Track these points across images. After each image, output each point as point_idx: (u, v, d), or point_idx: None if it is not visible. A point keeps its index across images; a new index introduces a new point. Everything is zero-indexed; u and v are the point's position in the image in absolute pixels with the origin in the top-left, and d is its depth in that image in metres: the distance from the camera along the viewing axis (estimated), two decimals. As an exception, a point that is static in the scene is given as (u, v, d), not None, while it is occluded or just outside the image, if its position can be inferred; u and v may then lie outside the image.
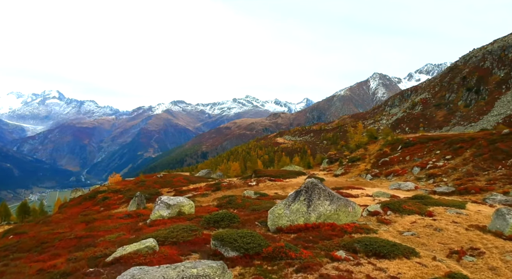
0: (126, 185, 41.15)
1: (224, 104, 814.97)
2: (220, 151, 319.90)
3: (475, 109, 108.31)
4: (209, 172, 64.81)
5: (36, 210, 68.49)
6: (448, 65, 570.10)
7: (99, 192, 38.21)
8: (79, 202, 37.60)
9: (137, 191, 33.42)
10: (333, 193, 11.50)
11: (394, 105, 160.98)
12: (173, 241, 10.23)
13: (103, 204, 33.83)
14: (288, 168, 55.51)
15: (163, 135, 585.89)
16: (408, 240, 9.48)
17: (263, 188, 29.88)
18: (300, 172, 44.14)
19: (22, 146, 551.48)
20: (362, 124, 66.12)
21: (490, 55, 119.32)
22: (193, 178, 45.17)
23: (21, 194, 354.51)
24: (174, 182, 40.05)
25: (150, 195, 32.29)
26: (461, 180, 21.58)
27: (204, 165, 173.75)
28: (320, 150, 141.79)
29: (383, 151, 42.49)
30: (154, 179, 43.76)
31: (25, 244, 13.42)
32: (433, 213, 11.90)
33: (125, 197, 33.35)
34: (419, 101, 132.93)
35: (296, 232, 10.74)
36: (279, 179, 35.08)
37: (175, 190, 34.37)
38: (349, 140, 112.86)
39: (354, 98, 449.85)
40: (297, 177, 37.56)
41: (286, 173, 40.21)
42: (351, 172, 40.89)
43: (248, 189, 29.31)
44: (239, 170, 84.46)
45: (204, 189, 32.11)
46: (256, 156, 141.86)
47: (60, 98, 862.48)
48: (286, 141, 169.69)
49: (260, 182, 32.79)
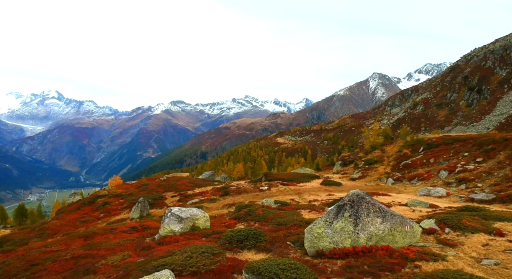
0: (128, 189, 38.88)
1: (224, 104, 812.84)
2: (220, 151, 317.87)
3: (477, 109, 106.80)
4: (213, 174, 61.74)
5: (33, 213, 66.54)
6: (447, 65, 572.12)
7: (99, 196, 36.17)
8: (77, 207, 35.30)
9: (140, 195, 31.33)
10: (384, 208, 9.42)
11: (395, 105, 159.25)
12: (192, 271, 8.18)
13: (103, 210, 31.85)
14: (299, 170, 51.84)
15: (162, 135, 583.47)
16: (495, 273, 7.40)
17: (276, 193, 27.69)
18: (313, 175, 41.26)
19: (21, 146, 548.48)
20: (378, 124, 62.56)
21: (492, 54, 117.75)
22: (198, 181, 42.61)
23: (20, 195, 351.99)
24: (178, 186, 37.87)
25: (154, 200, 30.43)
26: (500, 185, 19.48)
27: (204, 165, 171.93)
28: (321, 150, 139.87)
29: (403, 153, 39.79)
30: (157, 182, 41.42)
31: (12, 267, 11.29)
32: (503, 231, 9.86)
33: (127, 202, 31.49)
34: (421, 101, 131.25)
35: (343, 258, 8.68)
36: (292, 183, 32.82)
37: (180, 194, 32.30)
38: (363, 141, 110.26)
39: (354, 98, 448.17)
40: (311, 180, 35.05)
41: (299, 176, 37.57)
42: (369, 176, 38.22)
43: (260, 194, 27.34)
44: (243, 171, 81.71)
45: (211, 193, 30.14)
46: (256, 156, 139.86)
47: (59, 98, 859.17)
48: (286, 141, 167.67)
49: (272, 187, 30.60)
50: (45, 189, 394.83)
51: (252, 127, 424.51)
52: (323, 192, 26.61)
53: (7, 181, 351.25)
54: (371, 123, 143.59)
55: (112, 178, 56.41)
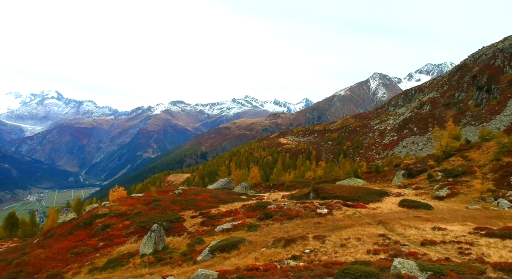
0: (134, 205, 31.33)
1: (223, 105, 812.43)
2: (220, 152, 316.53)
3: (487, 108, 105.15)
4: (230, 181, 52.34)
5: (25, 222, 61.99)
6: (448, 65, 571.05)
7: (97, 215, 28.68)
8: (70, 230, 27.88)
9: (150, 215, 25.38)
10: None
11: (398, 105, 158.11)
12: None
13: (103, 236, 25.03)
14: (348, 181, 42.79)
15: (162, 135, 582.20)
16: None
17: (346, 221, 20.38)
18: (379, 191, 31.68)
19: (20, 146, 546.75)
20: (453, 125, 49.31)
21: (501, 53, 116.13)
22: (221, 195, 34.01)
23: (19, 195, 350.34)
24: (198, 201, 30.50)
25: (169, 223, 24.25)
26: None
27: (205, 166, 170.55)
28: (325, 150, 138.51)
29: (504, 162, 30.51)
30: (171, 197, 32.96)
31: None
32: None
33: (134, 225, 24.85)
34: (427, 100, 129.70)
35: None
36: (358, 203, 25.07)
37: (202, 213, 25.84)
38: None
39: (355, 98, 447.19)
40: (381, 199, 26.99)
41: (363, 193, 28.56)
42: (462, 193, 29.02)
43: (323, 222, 19.84)
44: (259, 176, 72.00)
45: (244, 214, 23.80)
46: (259, 157, 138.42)
47: (58, 98, 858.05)
48: (289, 141, 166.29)
49: (334, 209, 23.08)
50: (45, 189, 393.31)
51: (253, 127, 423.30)
52: (418, 222, 19.35)
53: (6, 181, 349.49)
54: (376, 124, 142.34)
55: (113, 189, 47.08)
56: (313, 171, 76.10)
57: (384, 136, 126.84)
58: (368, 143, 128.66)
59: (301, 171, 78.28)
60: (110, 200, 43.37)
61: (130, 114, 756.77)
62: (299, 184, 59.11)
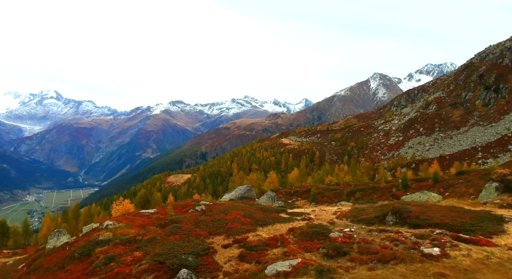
0: (145, 227, 23.09)
1: (223, 105, 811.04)
2: (220, 152, 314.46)
3: (495, 108, 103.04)
4: (250, 189, 44.83)
5: (17, 231, 57.09)
6: (448, 65, 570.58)
7: (98, 242, 20.58)
8: (61, 263, 19.80)
9: (167, 241, 17.98)
10: None
11: (401, 105, 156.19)
12: None
13: (105, 274, 16.44)
14: (418, 196, 30.50)
15: (161, 135, 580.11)
16: None
17: (479, 269, 11.45)
18: (492, 215, 18.60)
19: (19, 146, 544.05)
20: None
21: (509, 52, 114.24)
22: (256, 213, 24.80)
23: (18, 195, 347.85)
24: (229, 223, 22.09)
25: (196, 257, 15.88)
26: None
27: (206, 166, 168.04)
28: (329, 151, 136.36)
29: None
30: (193, 216, 23.89)
31: None
32: None
33: (148, 259, 16.71)
34: (433, 100, 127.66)
35: None
36: (475, 235, 15.35)
37: (237, 241, 18.38)
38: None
39: (355, 99, 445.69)
40: (503, 228, 16.17)
41: (470, 218, 17.70)
42: None
43: (436, 269, 11.22)
44: (277, 181, 65.17)
45: (297, 245, 16.46)
46: (262, 158, 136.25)
47: (58, 98, 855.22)
48: (291, 141, 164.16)
49: (444, 246, 13.82)
50: (43, 189, 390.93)
51: (252, 127, 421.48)
52: None
53: (5, 181, 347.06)
54: (381, 124, 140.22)
55: (117, 202, 38.36)
56: (336, 175, 67.73)
57: (389, 137, 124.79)
58: (373, 144, 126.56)
59: (320, 174, 72.29)
60: (113, 213, 36.73)
61: (129, 115, 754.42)
62: (328, 192, 53.12)
